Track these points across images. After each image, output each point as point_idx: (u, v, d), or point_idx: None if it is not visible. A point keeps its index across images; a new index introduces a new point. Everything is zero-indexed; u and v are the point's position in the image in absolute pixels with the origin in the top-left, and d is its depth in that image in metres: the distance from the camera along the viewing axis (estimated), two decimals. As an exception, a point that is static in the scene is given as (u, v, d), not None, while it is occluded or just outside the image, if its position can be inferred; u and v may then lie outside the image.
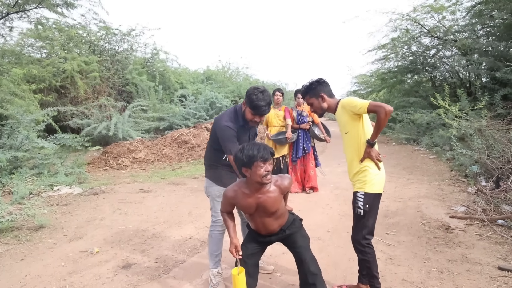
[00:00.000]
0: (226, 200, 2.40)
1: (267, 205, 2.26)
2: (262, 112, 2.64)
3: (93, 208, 5.39)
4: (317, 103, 2.60)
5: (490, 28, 10.95)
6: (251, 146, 2.17)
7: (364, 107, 2.30)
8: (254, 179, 2.18)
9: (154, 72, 16.13)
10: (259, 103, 2.59)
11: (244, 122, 2.75)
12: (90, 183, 7.34)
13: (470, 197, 4.97)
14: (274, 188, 2.29)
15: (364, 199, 2.41)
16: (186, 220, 4.71)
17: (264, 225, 2.37)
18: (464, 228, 3.89)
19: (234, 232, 2.42)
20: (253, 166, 2.14)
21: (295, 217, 2.54)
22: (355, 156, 2.48)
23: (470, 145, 6.43)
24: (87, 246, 3.91)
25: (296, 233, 2.46)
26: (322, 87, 2.58)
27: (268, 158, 2.16)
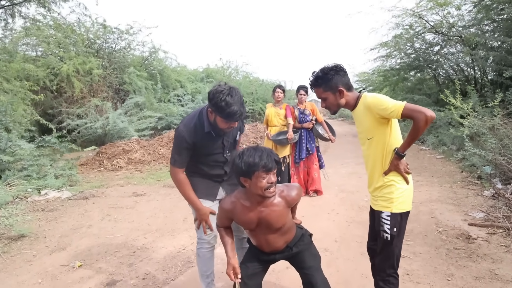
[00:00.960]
0: (222, 213, 2.03)
1: (271, 220, 1.90)
2: (237, 118, 2.13)
3: (81, 214, 5.02)
4: (332, 99, 2.04)
5: (497, 23, 10.57)
6: (252, 151, 1.79)
7: (397, 111, 1.81)
8: (255, 191, 1.81)
9: (153, 70, 15.73)
10: (232, 109, 2.05)
11: (212, 128, 2.26)
12: (82, 185, 6.97)
13: (487, 202, 4.60)
14: (279, 200, 1.91)
15: (391, 221, 1.97)
16: (180, 228, 4.33)
17: (267, 242, 2.00)
18: (487, 238, 3.51)
19: (232, 250, 2.05)
20: (253, 177, 1.78)
21: (303, 232, 2.16)
22: (378, 166, 2.02)
23: (483, 145, 6.05)
24: (70, 259, 3.54)
25: (305, 251, 2.09)
26: (340, 78, 2.01)
27: (272, 167, 1.78)
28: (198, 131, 2.25)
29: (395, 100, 1.87)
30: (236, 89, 2.13)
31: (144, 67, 16.05)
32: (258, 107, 19.80)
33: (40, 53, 13.55)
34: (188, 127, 2.26)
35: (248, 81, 20.75)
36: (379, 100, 1.89)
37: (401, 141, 2.00)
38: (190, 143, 2.24)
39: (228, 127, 2.20)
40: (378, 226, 2.03)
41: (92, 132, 11.95)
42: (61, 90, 12.49)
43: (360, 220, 4.28)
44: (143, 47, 16.22)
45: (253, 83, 20.42)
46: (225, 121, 2.14)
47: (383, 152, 1.98)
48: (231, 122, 2.16)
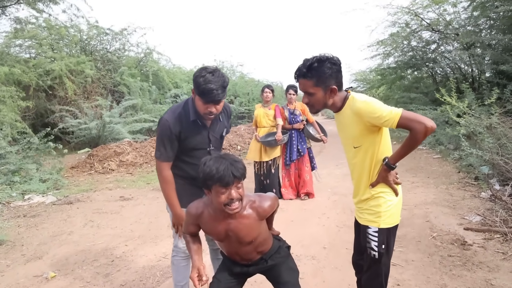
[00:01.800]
0: (189, 219, 1.81)
1: (239, 233, 1.70)
2: (214, 97, 1.93)
3: (63, 220, 4.83)
4: (320, 97, 1.77)
5: (493, 21, 10.41)
6: (213, 161, 1.57)
7: (393, 120, 1.59)
8: (215, 205, 1.62)
9: (147, 72, 15.54)
10: (209, 86, 1.89)
11: (197, 116, 2.10)
12: (69, 189, 6.78)
13: (484, 204, 4.42)
14: (249, 212, 1.71)
15: (379, 238, 1.77)
16: (164, 234, 4.15)
17: (239, 254, 1.81)
18: (483, 244, 3.33)
19: (197, 253, 1.81)
20: (212, 190, 1.57)
21: (281, 244, 1.96)
22: (365, 177, 1.81)
23: (480, 144, 5.88)
24: (45, 269, 3.35)
25: (281, 264, 1.89)
26: (336, 74, 1.74)
27: (230, 182, 1.53)
28: (183, 120, 2.09)
29: (389, 107, 1.64)
30: (221, 72, 1.98)
31: (139, 68, 15.87)
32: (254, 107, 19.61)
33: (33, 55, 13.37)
34: (173, 116, 2.10)
35: (244, 81, 20.57)
36: (372, 107, 1.64)
37: (390, 150, 1.80)
38: (175, 132, 2.07)
39: (207, 112, 2.00)
40: (364, 242, 1.83)
41: (86, 134, 11.77)
42: (54, 91, 12.30)
43: (351, 225, 4.04)
44: (137, 48, 16.06)
45: (249, 83, 20.24)
46: (202, 101, 1.96)
47: (371, 163, 1.77)
48: (208, 103, 1.96)
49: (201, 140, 2.17)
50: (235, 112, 17.74)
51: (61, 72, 11.69)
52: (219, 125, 2.26)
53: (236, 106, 17.44)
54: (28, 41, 12.75)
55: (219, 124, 2.25)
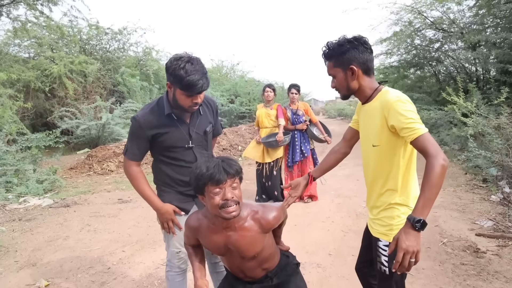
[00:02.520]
0: (188, 231, 1.68)
1: (240, 247, 1.53)
2: (200, 88, 1.78)
3: (60, 224, 4.68)
4: (341, 78, 1.60)
5: (499, 19, 10.24)
6: (203, 161, 1.44)
7: (413, 133, 1.39)
8: (211, 211, 1.47)
9: (148, 71, 15.38)
10: (192, 77, 1.73)
11: (172, 110, 1.92)
12: (67, 191, 6.65)
13: (495, 208, 4.27)
14: (251, 224, 1.54)
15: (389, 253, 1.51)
16: (163, 240, 3.99)
17: (241, 270, 1.65)
18: (497, 251, 3.18)
19: (200, 270, 1.67)
20: (205, 193, 1.43)
21: (289, 261, 1.79)
22: (380, 183, 1.62)
23: (488, 145, 5.72)
24: (38, 276, 3.21)
25: (287, 283, 1.72)
26: (356, 54, 1.55)
27: (222, 179, 1.38)
28: (155, 115, 1.92)
29: (418, 119, 1.43)
30: (197, 58, 1.82)
31: (139, 67, 15.72)
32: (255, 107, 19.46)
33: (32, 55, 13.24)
34: (144, 111, 1.95)
35: (244, 81, 20.41)
36: (401, 106, 1.44)
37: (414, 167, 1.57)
38: (145, 128, 1.90)
39: (192, 104, 1.85)
40: (375, 256, 1.67)
41: (85, 134, 11.63)
42: (54, 91, 12.17)
43: (356, 229, 3.95)
44: (137, 47, 15.91)
45: (250, 83, 20.07)
46: (185, 94, 1.80)
47: (389, 169, 1.57)
48: (193, 94, 1.80)
49: (180, 136, 1.98)
50: (235, 112, 17.58)
51: (60, 72, 11.55)
52: (200, 119, 2.05)
53: (236, 105, 17.29)
54: (27, 40, 12.62)
55: (199, 118, 2.04)
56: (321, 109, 42.79)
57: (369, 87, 1.61)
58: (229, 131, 13.05)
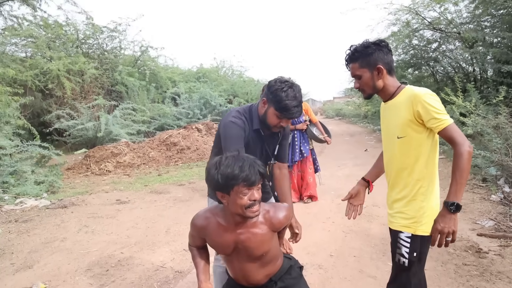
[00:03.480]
0: (194, 231, 1.65)
1: (250, 245, 1.53)
2: (291, 114, 1.88)
3: (57, 225, 4.63)
4: (368, 78, 1.69)
5: (496, 18, 10.25)
6: (231, 160, 1.42)
7: (441, 123, 1.52)
8: (234, 209, 1.46)
9: (145, 70, 15.30)
10: (290, 103, 1.83)
11: (261, 126, 2.00)
12: (65, 192, 6.59)
13: (496, 208, 4.25)
14: (262, 222, 1.55)
15: (411, 245, 1.64)
16: (162, 241, 3.96)
17: (244, 273, 1.62)
18: (500, 251, 3.15)
19: (204, 273, 1.66)
20: (232, 192, 1.41)
21: (292, 264, 1.77)
22: (406, 174, 1.68)
23: (487, 145, 5.71)
24: (34, 279, 3.15)
25: (293, 286, 1.70)
26: (381, 55, 1.67)
27: (256, 181, 1.42)
28: (246, 126, 2.00)
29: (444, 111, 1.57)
30: (298, 86, 1.92)
31: (137, 67, 15.64)
32: (253, 107, 19.42)
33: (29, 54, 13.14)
34: (237, 116, 2.02)
35: (242, 80, 20.37)
36: (430, 98, 1.56)
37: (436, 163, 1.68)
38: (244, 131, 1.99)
39: (278, 125, 1.94)
40: (394, 248, 1.72)
41: (83, 134, 11.56)
42: (51, 91, 12.08)
43: (357, 230, 3.92)
44: (134, 46, 15.81)
45: (248, 83, 20.04)
46: (277, 115, 1.89)
47: (416, 158, 1.64)
48: (284, 118, 1.90)
49: (256, 151, 2.04)
50: (233, 112, 17.55)
51: (58, 72, 11.47)
52: (274, 140, 2.13)
53: (235, 106, 17.24)
54: (24, 39, 12.53)
55: (275, 139, 2.13)
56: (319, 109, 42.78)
57: (392, 85, 1.71)
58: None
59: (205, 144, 10.84)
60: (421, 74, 14.16)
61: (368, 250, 3.45)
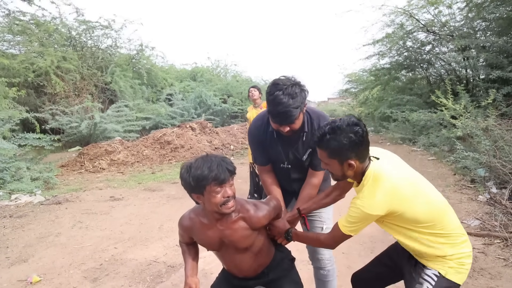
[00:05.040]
0: (182, 231, 1.74)
1: (233, 239, 1.60)
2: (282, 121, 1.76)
3: (51, 221, 4.67)
4: (337, 169, 1.54)
5: (488, 22, 10.42)
6: (200, 162, 1.48)
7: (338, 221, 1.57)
8: (210, 208, 1.52)
9: (140, 69, 15.30)
10: (277, 108, 1.70)
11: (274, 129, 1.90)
12: (59, 188, 6.61)
13: (482, 208, 4.36)
14: (241, 221, 1.61)
15: (437, 283, 1.50)
16: (155, 237, 4.01)
17: (236, 264, 1.70)
18: (483, 249, 3.26)
19: (192, 269, 1.72)
20: (205, 192, 1.47)
21: (284, 256, 1.84)
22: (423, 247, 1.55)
23: (476, 146, 5.84)
24: (29, 272, 3.20)
25: (283, 278, 1.78)
26: (355, 147, 1.45)
27: (225, 179, 1.47)
28: (261, 129, 1.99)
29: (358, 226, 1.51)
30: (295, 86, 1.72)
31: (132, 65, 15.63)
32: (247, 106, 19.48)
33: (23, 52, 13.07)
34: (254, 123, 2.05)
35: (236, 80, 20.43)
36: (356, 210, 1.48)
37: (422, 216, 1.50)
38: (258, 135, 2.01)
39: (280, 130, 1.82)
40: (412, 282, 1.58)
41: (77, 132, 11.55)
42: (44, 88, 12.05)
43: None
44: (129, 44, 15.79)
45: (242, 83, 20.11)
46: (272, 119, 1.82)
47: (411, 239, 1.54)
48: (274, 122, 1.80)
49: (276, 154, 1.99)
50: (228, 111, 17.59)
51: (48, 68, 11.43)
52: (302, 144, 1.94)
53: (229, 105, 17.33)
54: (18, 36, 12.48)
55: (301, 143, 1.94)
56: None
57: (361, 173, 1.55)
58: (221, 130, 13.07)
59: (198, 143, 10.88)
60: (414, 76, 14.32)
61: (356, 247, 3.54)
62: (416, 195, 1.47)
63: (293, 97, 1.70)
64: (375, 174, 1.48)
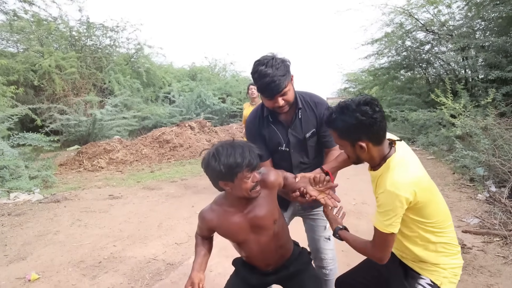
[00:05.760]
0: (203, 224, 1.70)
1: (260, 215, 1.60)
2: (273, 90, 1.71)
3: (50, 219, 4.65)
4: (350, 151, 1.48)
5: (487, 22, 10.43)
6: (230, 149, 1.47)
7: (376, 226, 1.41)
8: (239, 194, 1.53)
9: (139, 68, 15.26)
10: (265, 80, 1.69)
11: (269, 111, 1.90)
12: (57, 187, 6.60)
13: (482, 206, 4.36)
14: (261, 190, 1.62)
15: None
16: (154, 235, 4.00)
17: (263, 250, 1.66)
18: (483, 247, 3.26)
19: (200, 263, 1.67)
20: (236, 179, 1.47)
21: (302, 250, 1.85)
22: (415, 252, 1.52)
23: (475, 145, 5.84)
24: (28, 270, 3.19)
25: (303, 272, 1.77)
26: (365, 128, 1.37)
27: (257, 164, 1.50)
28: (258, 117, 1.97)
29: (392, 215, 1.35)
30: (275, 58, 1.74)
31: (130, 65, 15.60)
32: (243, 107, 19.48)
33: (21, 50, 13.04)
34: (251, 116, 2.02)
35: (235, 80, 20.41)
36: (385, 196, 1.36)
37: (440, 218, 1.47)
38: (253, 129, 1.98)
39: (275, 107, 1.79)
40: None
41: (75, 131, 11.52)
42: (43, 87, 12.02)
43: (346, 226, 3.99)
44: (128, 44, 15.74)
45: (241, 82, 20.09)
46: (264, 98, 1.81)
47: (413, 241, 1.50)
48: (269, 98, 1.77)
49: (276, 138, 1.93)
50: (227, 111, 17.57)
51: (49, 67, 11.41)
52: (300, 123, 1.91)
53: (228, 105, 17.31)
54: (16, 35, 12.45)
55: (299, 122, 1.91)
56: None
57: (379, 156, 1.46)
58: (220, 129, 13.06)
59: (197, 142, 10.87)
60: (413, 75, 14.31)
61: (356, 245, 3.54)
62: (433, 193, 1.45)
63: (276, 67, 1.71)
64: (401, 160, 1.42)
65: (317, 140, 1.96)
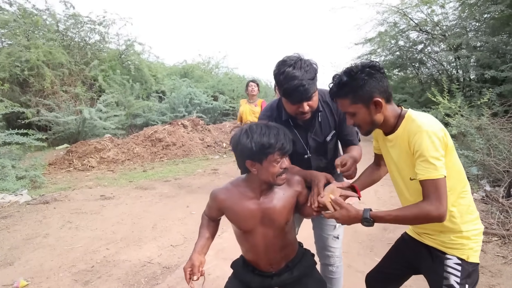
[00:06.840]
0: (213, 203, 1.63)
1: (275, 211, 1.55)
2: (301, 94, 1.58)
3: (38, 222, 4.51)
4: (365, 115, 1.42)
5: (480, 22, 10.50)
6: (264, 129, 1.43)
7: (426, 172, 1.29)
8: (264, 178, 1.48)
9: (129, 65, 15.03)
10: (293, 83, 1.55)
11: (289, 116, 1.77)
12: (46, 187, 6.43)
13: (478, 205, 4.34)
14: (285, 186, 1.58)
15: (462, 272, 1.39)
16: (149, 237, 3.91)
17: (267, 245, 1.59)
18: (482, 247, 3.23)
19: (202, 246, 1.61)
20: (265, 161, 1.42)
21: (305, 251, 1.78)
22: None
23: (470, 145, 5.85)
24: (16, 276, 3.07)
25: (308, 276, 1.70)
26: (375, 83, 1.37)
27: (290, 149, 1.47)
28: (276, 118, 1.81)
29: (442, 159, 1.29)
30: (304, 60, 1.61)
31: (120, 61, 15.37)
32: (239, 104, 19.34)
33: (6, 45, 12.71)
34: (265, 114, 1.88)
35: (228, 78, 20.28)
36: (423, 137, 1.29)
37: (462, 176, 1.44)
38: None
39: (299, 113, 1.67)
40: (437, 278, 1.43)
41: (64, 129, 11.28)
42: (29, 83, 11.73)
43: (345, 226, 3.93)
44: (118, 39, 15.49)
45: (234, 80, 19.96)
46: (288, 102, 1.66)
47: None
48: (294, 103, 1.64)
49: (300, 146, 1.82)
50: (219, 109, 17.45)
51: (37, 61, 11.13)
52: (320, 126, 1.83)
53: (220, 103, 17.17)
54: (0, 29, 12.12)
55: (319, 125, 1.83)
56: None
57: (393, 116, 1.44)
58: (213, 128, 12.94)
59: (191, 141, 10.75)
60: (406, 75, 14.40)
61: (355, 246, 3.49)
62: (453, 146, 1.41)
63: (305, 69, 1.59)
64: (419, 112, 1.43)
65: (336, 140, 1.92)
